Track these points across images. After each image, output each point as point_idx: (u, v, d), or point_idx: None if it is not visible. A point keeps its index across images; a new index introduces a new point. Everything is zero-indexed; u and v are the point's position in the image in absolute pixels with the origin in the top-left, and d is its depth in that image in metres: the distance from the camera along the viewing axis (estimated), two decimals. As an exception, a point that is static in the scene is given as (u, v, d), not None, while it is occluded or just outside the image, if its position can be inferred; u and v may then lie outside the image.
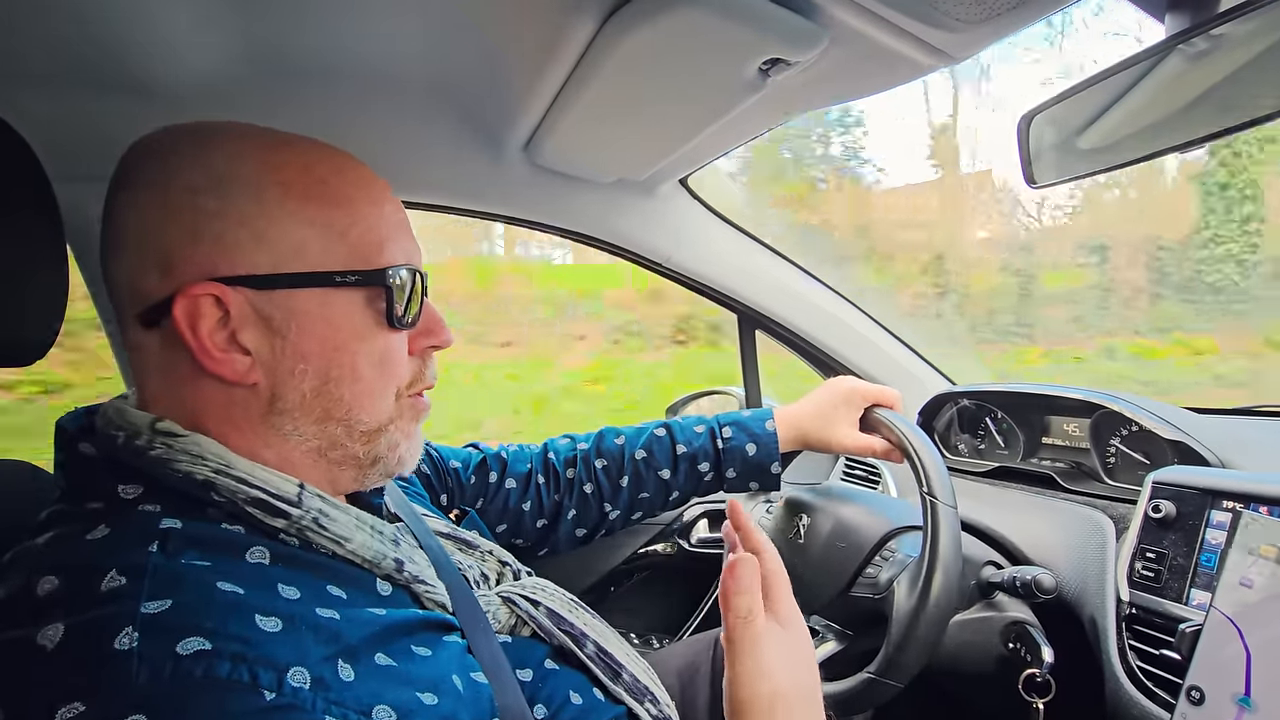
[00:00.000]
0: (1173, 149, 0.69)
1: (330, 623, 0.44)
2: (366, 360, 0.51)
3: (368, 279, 0.51)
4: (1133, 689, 0.71)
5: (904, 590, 0.78)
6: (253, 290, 0.48)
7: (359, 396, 0.52)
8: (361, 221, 0.51)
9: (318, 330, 0.49)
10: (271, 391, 0.49)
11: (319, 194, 0.50)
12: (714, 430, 0.93)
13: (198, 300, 0.47)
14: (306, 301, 0.49)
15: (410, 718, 0.43)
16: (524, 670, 0.57)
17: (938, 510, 0.76)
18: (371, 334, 0.51)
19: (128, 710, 0.35)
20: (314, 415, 0.51)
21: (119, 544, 0.43)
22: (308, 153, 0.52)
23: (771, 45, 0.68)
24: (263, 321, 0.48)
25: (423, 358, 0.57)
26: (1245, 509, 0.67)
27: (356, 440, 0.53)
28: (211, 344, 0.47)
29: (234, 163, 0.49)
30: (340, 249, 0.50)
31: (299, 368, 0.49)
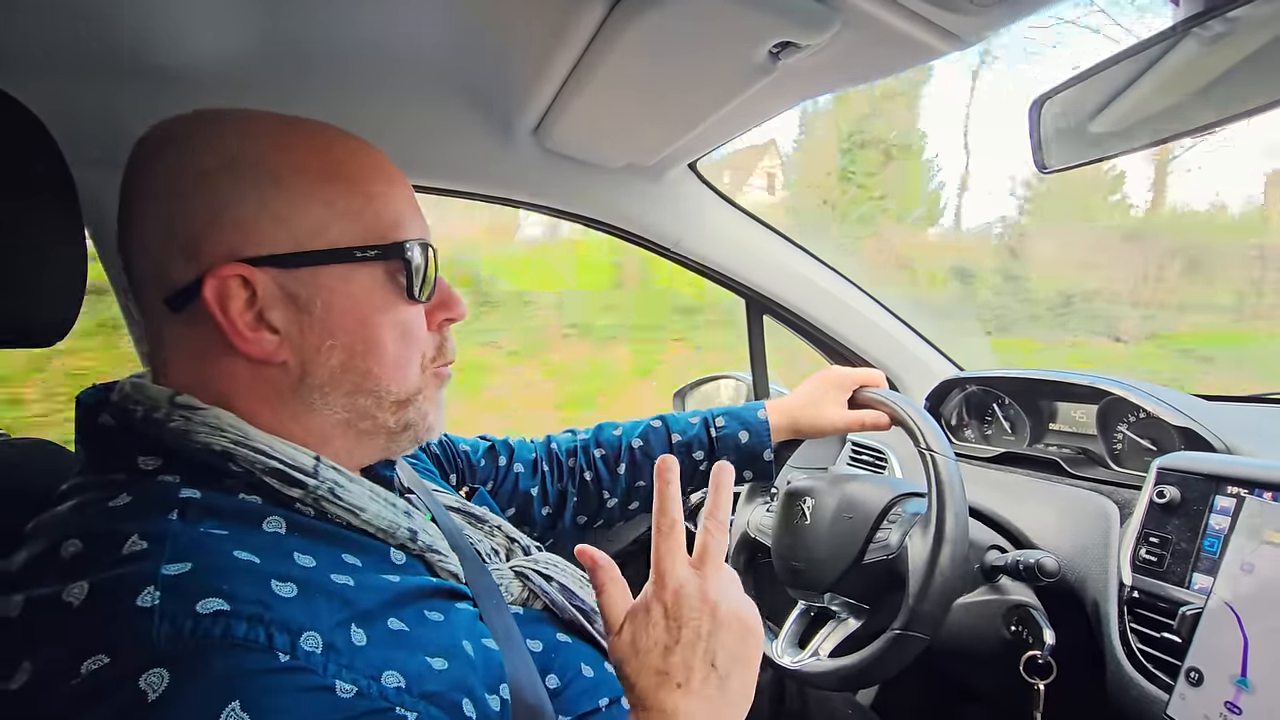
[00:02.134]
0: (1186, 134, 0.69)
1: (344, 589, 0.46)
2: (390, 333, 0.53)
3: (386, 253, 0.52)
4: (1133, 671, 0.72)
5: (917, 540, 0.79)
6: (277, 269, 0.49)
7: (386, 368, 0.53)
8: (376, 199, 0.53)
9: (342, 305, 0.51)
10: (301, 368, 0.51)
11: (334, 174, 0.51)
12: (707, 420, 0.96)
13: (226, 281, 0.48)
14: (329, 278, 0.50)
15: (420, 681, 0.44)
16: (535, 642, 0.59)
17: (937, 461, 0.78)
18: (393, 307, 0.53)
19: (150, 664, 0.36)
20: (344, 389, 0.52)
21: (140, 511, 0.44)
22: (320, 135, 0.53)
23: (782, 28, 0.68)
24: (289, 300, 0.50)
25: (440, 332, 0.59)
26: (1250, 494, 0.68)
27: (387, 410, 0.54)
28: (242, 324, 0.49)
29: (249, 147, 0.50)
30: (357, 226, 0.51)
31: (327, 343, 0.51)
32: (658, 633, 0.50)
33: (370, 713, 0.41)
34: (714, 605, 0.50)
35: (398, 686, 0.43)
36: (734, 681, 0.50)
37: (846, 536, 0.87)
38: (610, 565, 0.55)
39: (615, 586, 0.54)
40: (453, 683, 0.46)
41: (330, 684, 0.40)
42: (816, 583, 0.89)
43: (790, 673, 0.88)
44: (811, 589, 0.90)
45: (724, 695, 0.49)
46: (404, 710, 0.42)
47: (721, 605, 0.51)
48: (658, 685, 0.48)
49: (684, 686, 0.48)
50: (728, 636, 0.50)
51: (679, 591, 0.51)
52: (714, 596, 0.51)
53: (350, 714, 0.40)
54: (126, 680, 0.36)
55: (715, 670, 0.49)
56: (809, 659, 0.87)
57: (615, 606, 0.53)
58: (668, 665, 0.49)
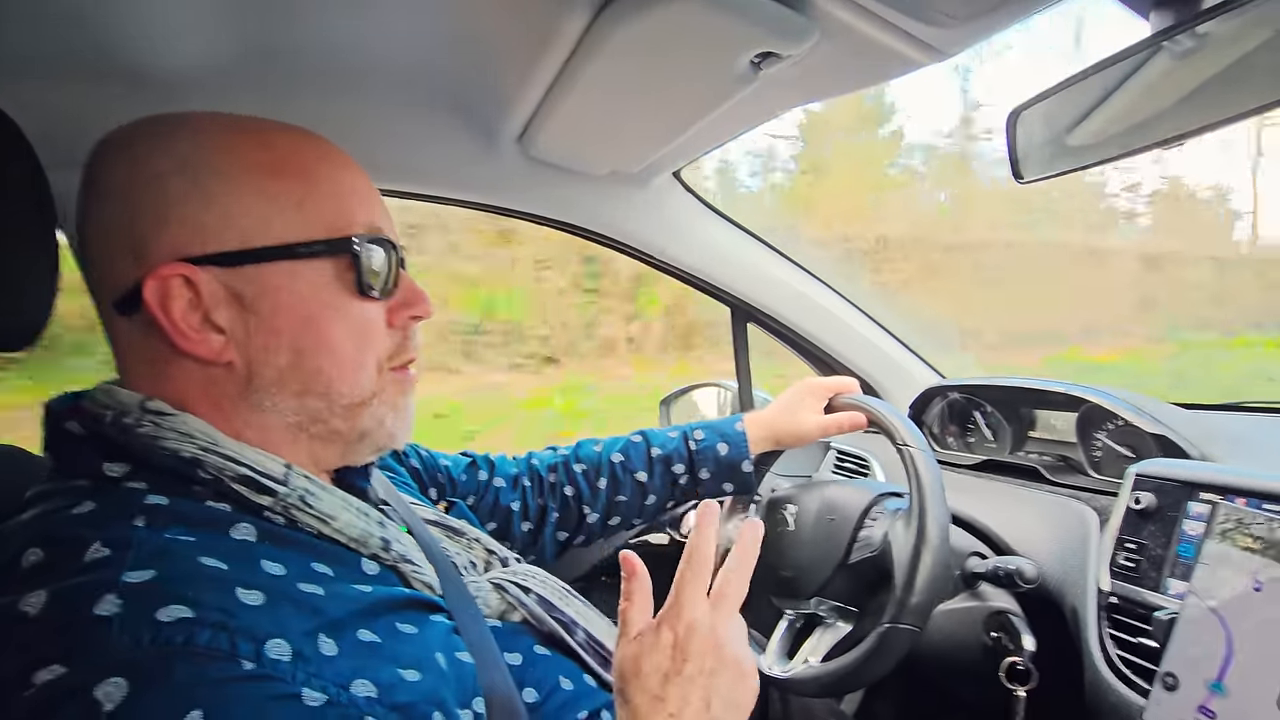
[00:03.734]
0: (1158, 144, 0.70)
1: (312, 598, 0.45)
2: (341, 331, 0.51)
3: (332, 248, 0.51)
4: (1111, 676, 0.72)
5: (900, 533, 0.80)
6: (221, 268, 0.48)
7: (336, 368, 0.51)
8: (323, 193, 0.51)
9: (288, 303, 0.50)
10: (248, 369, 0.50)
11: (279, 169, 0.50)
12: (686, 434, 0.96)
13: (167, 281, 0.47)
14: (275, 276, 0.49)
15: (391, 692, 0.44)
16: (513, 655, 0.58)
17: (913, 455, 0.79)
18: (344, 304, 0.51)
19: (107, 674, 0.36)
20: (292, 389, 0.51)
21: (104, 518, 0.43)
22: (267, 131, 0.52)
23: (763, 38, 0.68)
24: (234, 299, 0.49)
25: (404, 330, 0.57)
26: (1223, 500, 0.69)
27: (338, 415, 0.53)
28: (185, 325, 0.48)
29: (197, 146, 0.50)
30: (303, 221, 0.50)
31: (272, 342, 0.50)
32: (662, 659, 0.50)
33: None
34: (720, 646, 0.51)
35: (369, 696, 0.43)
36: None
37: (830, 539, 0.87)
38: (644, 577, 0.55)
39: (641, 597, 0.54)
40: (425, 695, 0.46)
41: (297, 691, 0.40)
42: (803, 589, 0.89)
43: (782, 682, 0.88)
44: (799, 595, 0.91)
45: None
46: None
47: (727, 648, 0.51)
48: (651, 709, 0.49)
49: (675, 717, 0.49)
50: (726, 680, 0.51)
51: (692, 625, 0.51)
52: (722, 637, 0.52)
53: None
54: (81, 690, 0.35)
55: (709, 710, 0.50)
56: (800, 667, 0.87)
57: (634, 619, 0.53)
58: (665, 693, 0.49)
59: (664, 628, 0.51)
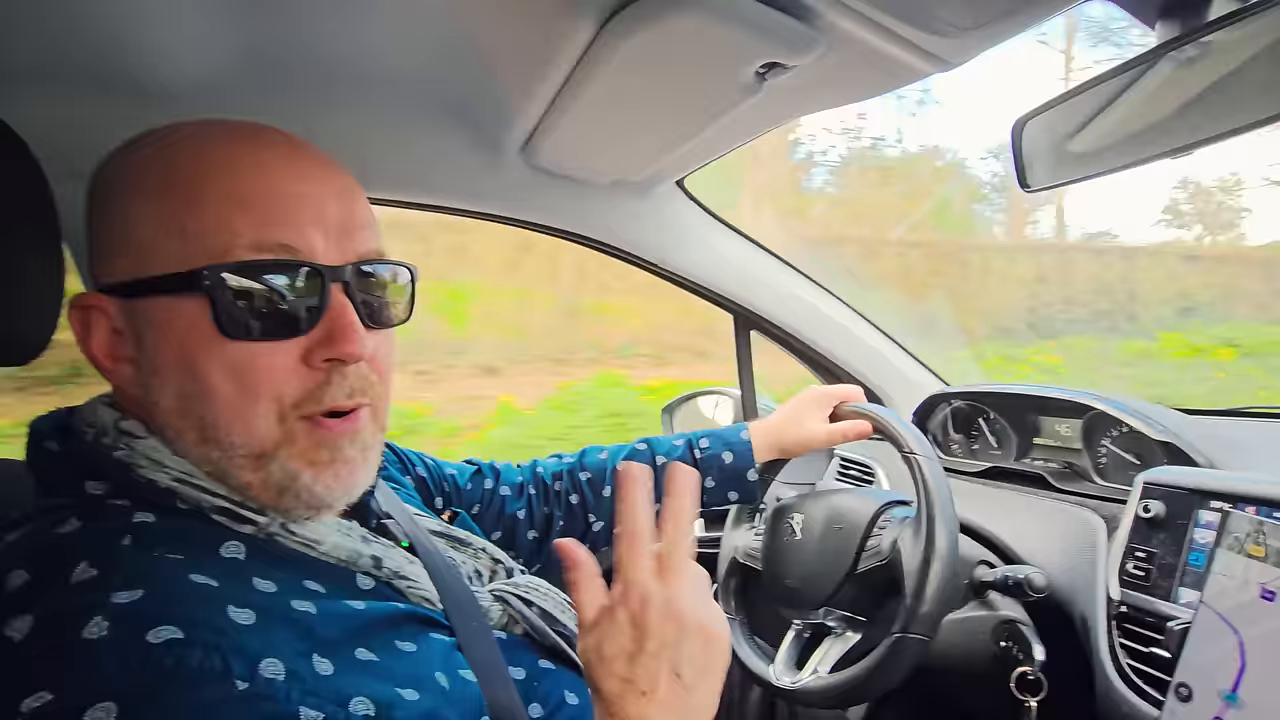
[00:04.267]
0: (1163, 155, 0.70)
1: (305, 617, 0.44)
2: (218, 374, 0.45)
3: (185, 283, 0.44)
4: (1123, 687, 0.72)
5: (908, 542, 0.80)
6: (120, 299, 0.47)
7: (221, 414, 0.46)
8: (214, 210, 0.45)
9: (167, 340, 0.46)
10: (148, 405, 0.47)
11: (172, 187, 0.46)
12: (691, 442, 0.96)
13: (87, 312, 0.47)
14: (157, 310, 0.46)
15: (390, 710, 0.43)
16: (517, 669, 0.57)
17: (921, 463, 0.79)
18: (218, 343, 0.45)
19: (96, 699, 0.35)
20: (189, 436, 0.47)
21: (90, 537, 0.43)
22: (170, 138, 0.48)
23: (768, 49, 0.68)
24: (134, 331, 0.47)
25: (326, 372, 0.48)
26: (1233, 509, 0.68)
27: (241, 465, 0.47)
28: (100, 354, 0.47)
29: (111, 168, 0.49)
30: (187, 247, 0.45)
31: (156, 382, 0.46)
32: (623, 640, 0.48)
33: None
34: (679, 614, 0.49)
35: (367, 715, 0.42)
36: (699, 691, 0.49)
37: (838, 548, 0.87)
38: (590, 563, 0.52)
39: (588, 585, 0.51)
40: (425, 715, 0.45)
41: (294, 711, 0.39)
42: (811, 599, 0.89)
43: (791, 694, 0.87)
44: (806, 606, 0.90)
45: (689, 704, 0.48)
46: None
47: (687, 615, 0.49)
48: (622, 692, 0.47)
49: (649, 695, 0.47)
50: (693, 646, 0.48)
51: (644, 600, 0.49)
52: (679, 606, 0.49)
53: None
54: (70, 717, 0.34)
55: (680, 680, 0.48)
56: (809, 677, 0.86)
57: (588, 606, 0.50)
58: (632, 673, 0.47)
59: (618, 609, 0.49)
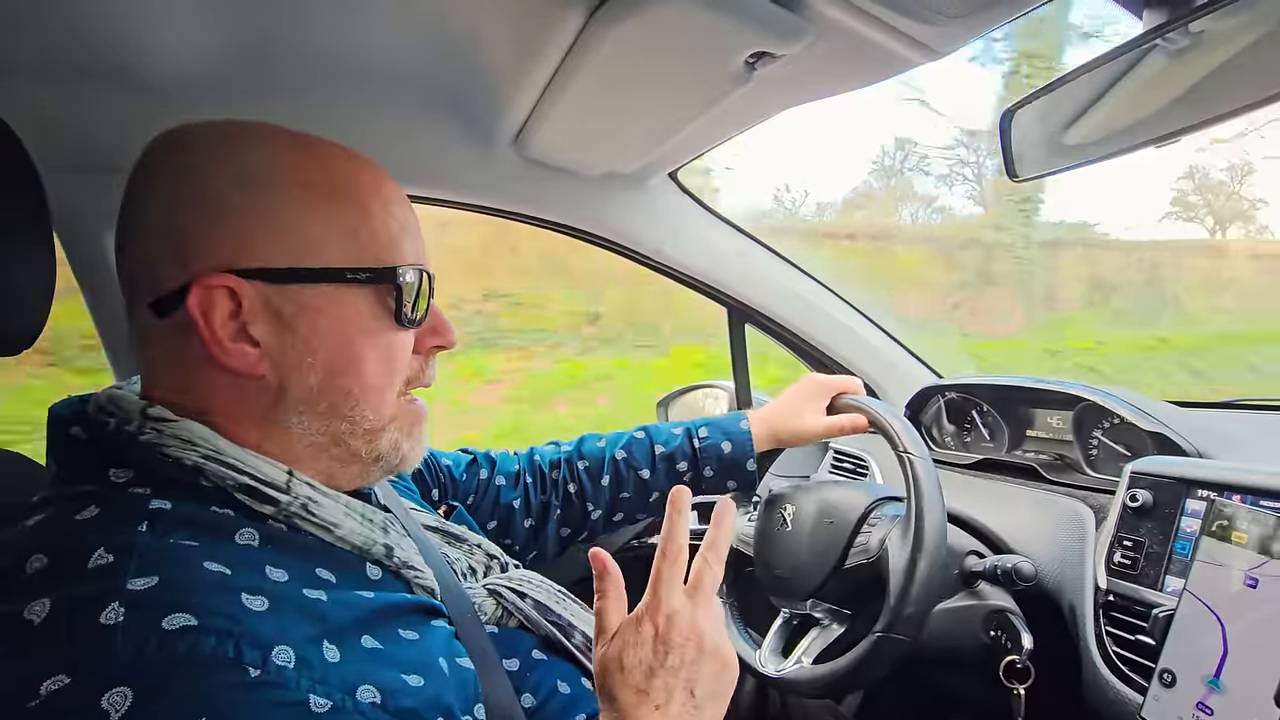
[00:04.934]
0: (1152, 141, 0.70)
1: (316, 604, 0.45)
2: (374, 357, 0.52)
3: (379, 276, 0.52)
4: (1108, 673, 0.72)
5: (896, 542, 0.80)
6: (266, 284, 0.49)
7: (365, 392, 0.52)
8: (375, 221, 0.52)
9: (327, 325, 0.50)
10: (279, 384, 0.50)
11: (336, 194, 0.51)
12: (690, 431, 0.96)
13: (212, 291, 0.47)
14: (318, 297, 0.50)
15: (395, 698, 0.44)
16: (511, 660, 0.58)
17: (914, 463, 0.79)
18: (380, 331, 0.52)
19: (112, 683, 0.36)
20: (319, 410, 0.51)
21: (107, 523, 0.43)
22: (327, 154, 0.53)
23: (757, 38, 0.69)
24: (273, 315, 0.49)
25: (426, 357, 0.58)
26: (1219, 497, 0.69)
27: (360, 438, 0.53)
28: (223, 334, 0.48)
29: (260, 161, 0.50)
30: (353, 247, 0.51)
31: (306, 361, 0.50)
32: (645, 653, 0.50)
33: None
34: (701, 635, 0.51)
35: (373, 702, 0.43)
36: (707, 712, 0.51)
37: (827, 542, 0.87)
38: (616, 574, 0.55)
39: (616, 595, 0.54)
40: (429, 700, 0.46)
41: (304, 699, 0.40)
42: (799, 589, 0.89)
43: (774, 681, 0.88)
44: (794, 596, 0.90)
45: None
46: None
47: (707, 637, 0.52)
48: (637, 703, 0.49)
49: (662, 709, 0.49)
50: (709, 668, 0.51)
51: (672, 617, 0.51)
52: (702, 627, 0.52)
53: None
54: (87, 701, 0.35)
55: (693, 699, 0.50)
56: (793, 667, 0.87)
57: (610, 616, 0.53)
58: (650, 686, 0.49)
59: (645, 621, 0.51)
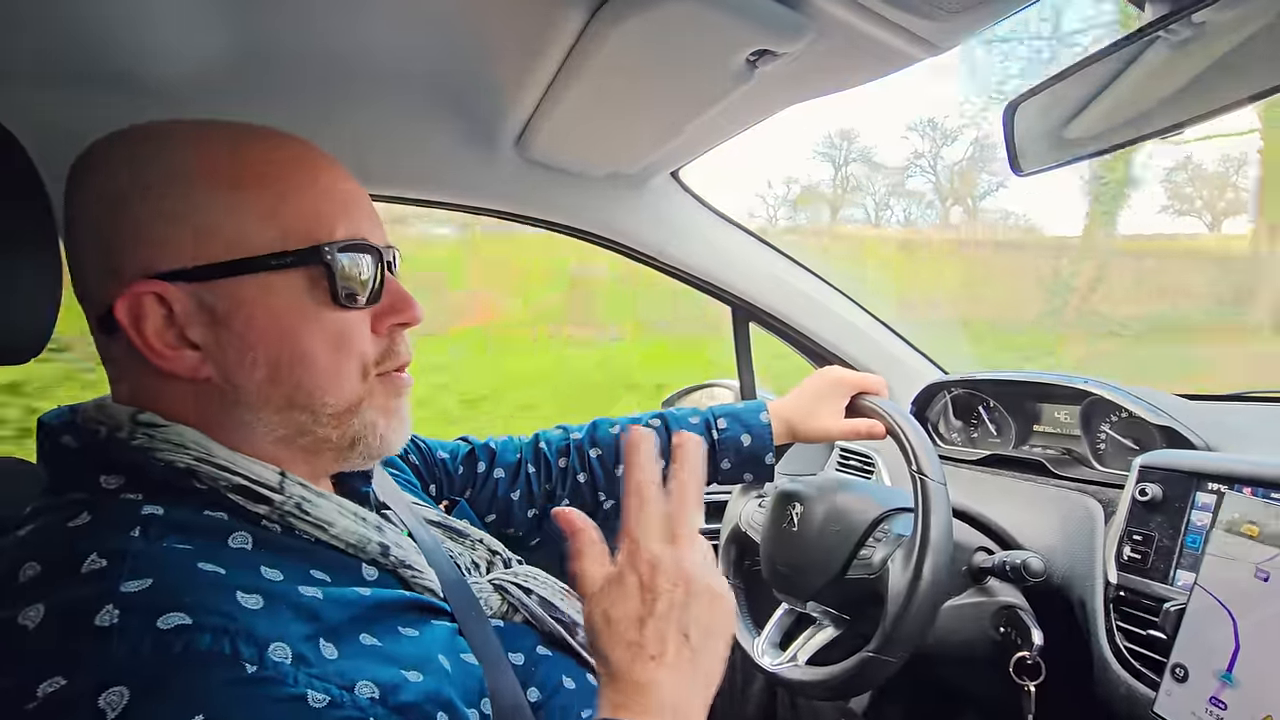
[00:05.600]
0: (1157, 134, 0.70)
1: (312, 602, 0.45)
2: (319, 342, 0.50)
3: (302, 259, 0.49)
4: (1119, 668, 0.72)
5: (898, 567, 0.79)
6: (191, 283, 0.47)
7: (317, 379, 0.50)
8: (296, 201, 0.50)
9: (262, 317, 0.48)
10: (225, 384, 0.49)
11: (248, 177, 0.49)
12: (709, 421, 0.94)
13: (140, 299, 0.47)
14: (247, 289, 0.48)
15: (395, 693, 0.44)
16: (516, 655, 0.58)
17: (927, 487, 0.77)
18: (320, 315, 0.50)
19: (108, 683, 0.36)
20: (275, 404, 0.50)
21: (100, 529, 0.43)
22: (236, 136, 0.50)
23: (758, 37, 0.68)
24: (207, 314, 0.48)
25: (390, 335, 0.55)
26: (1229, 490, 0.68)
27: (326, 424, 0.51)
28: (159, 342, 0.47)
29: (163, 158, 0.49)
30: (274, 231, 0.49)
31: (248, 357, 0.48)
32: (632, 604, 0.48)
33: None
34: (688, 577, 0.49)
35: (371, 697, 0.42)
36: (706, 653, 0.49)
37: (831, 549, 0.87)
38: (590, 528, 0.52)
39: (594, 552, 0.51)
40: (428, 695, 0.46)
41: (302, 693, 0.40)
42: (800, 589, 0.89)
43: (767, 674, 0.88)
44: (795, 593, 0.91)
45: (696, 666, 0.48)
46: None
47: (695, 577, 0.49)
48: (632, 657, 0.47)
49: (658, 659, 0.47)
50: (700, 608, 0.49)
51: (654, 563, 0.49)
52: (688, 568, 0.49)
53: None
54: (84, 701, 0.35)
55: (688, 642, 0.48)
56: (787, 663, 0.88)
57: (592, 573, 0.51)
58: (642, 637, 0.47)
59: (626, 572, 0.49)
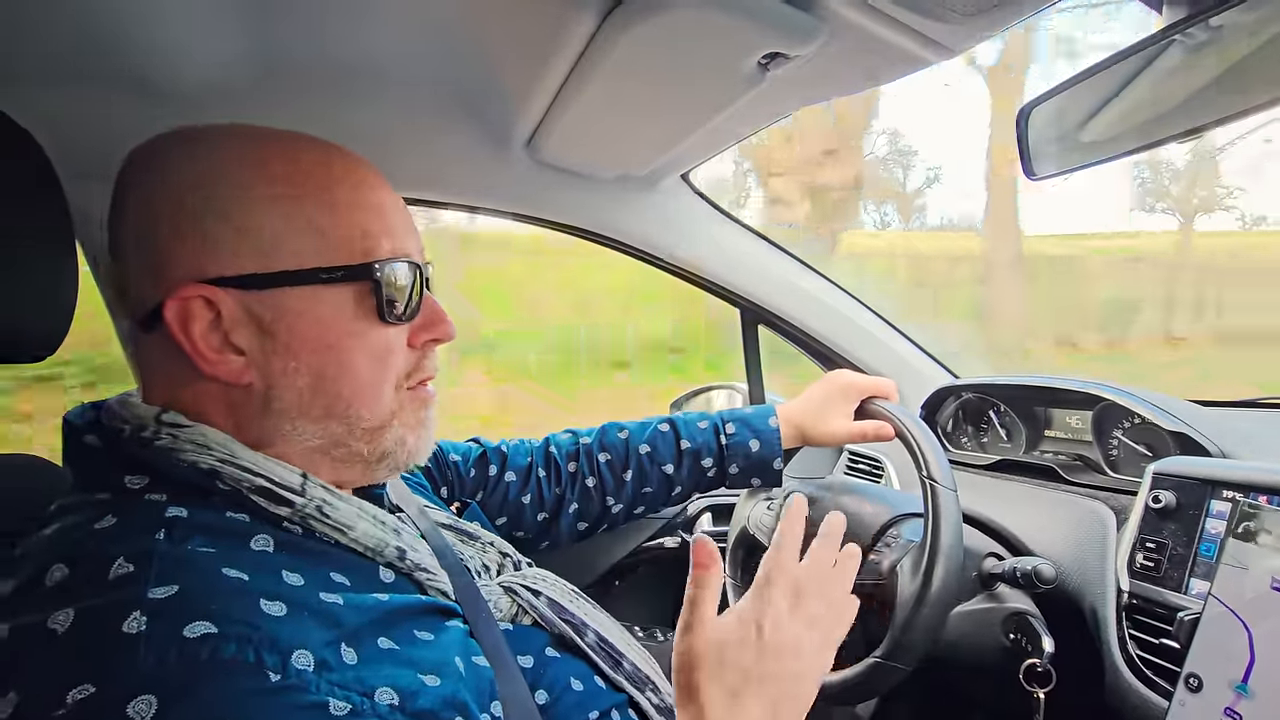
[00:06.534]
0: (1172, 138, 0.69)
1: (333, 608, 0.45)
2: (363, 356, 0.51)
3: (354, 274, 0.50)
4: (1132, 677, 0.71)
5: (907, 574, 0.78)
6: (241, 290, 0.48)
7: (357, 393, 0.51)
8: (347, 215, 0.51)
9: (308, 328, 0.49)
10: (267, 391, 0.49)
11: (303, 190, 0.50)
12: (717, 426, 0.94)
13: (188, 303, 0.47)
14: (296, 300, 0.49)
15: (413, 699, 0.44)
16: (525, 657, 0.58)
17: (938, 493, 0.77)
18: (365, 330, 0.51)
19: (136, 691, 0.36)
20: (313, 414, 0.51)
21: (126, 532, 0.44)
22: (292, 147, 0.51)
23: (770, 39, 0.68)
24: (254, 321, 0.48)
25: (424, 350, 0.56)
26: (1245, 498, 0.68)
27: (360, 438, 0.52)
28: (205, 346, 0.48)
29: (219, 163, 0.49)
30: (325, 244, 0.49)
31: (291, 365, 0.49)
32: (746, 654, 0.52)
33: None
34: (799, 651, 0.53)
35: (391, 704, 0.43)
36: None
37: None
38: (718, 568, 0.56)
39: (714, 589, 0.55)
40: (445, 700, 0.46)
41: (324, 701, 0.40)
42: None
43: None
44: None
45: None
46: None
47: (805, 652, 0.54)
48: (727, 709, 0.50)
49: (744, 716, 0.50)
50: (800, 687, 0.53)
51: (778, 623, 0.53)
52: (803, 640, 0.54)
53: None
54: (113, 709, 0.36)
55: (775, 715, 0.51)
56: None
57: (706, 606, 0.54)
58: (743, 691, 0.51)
59: (750, 622, 0.52)
